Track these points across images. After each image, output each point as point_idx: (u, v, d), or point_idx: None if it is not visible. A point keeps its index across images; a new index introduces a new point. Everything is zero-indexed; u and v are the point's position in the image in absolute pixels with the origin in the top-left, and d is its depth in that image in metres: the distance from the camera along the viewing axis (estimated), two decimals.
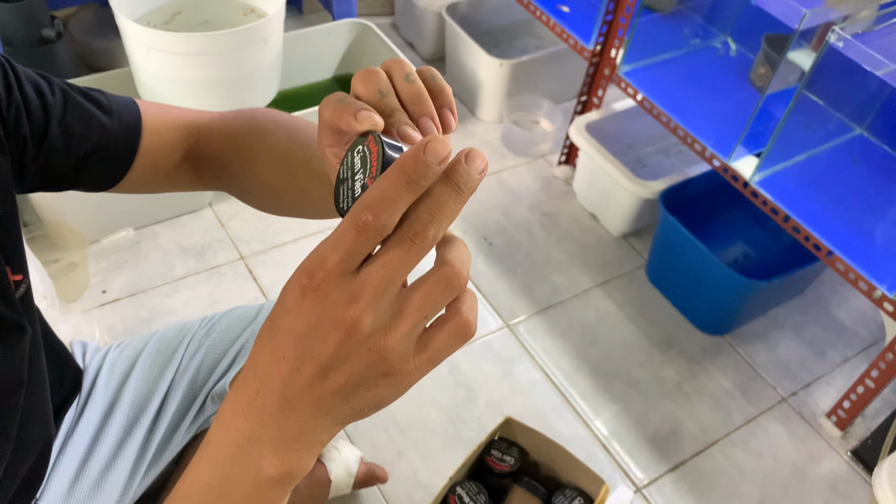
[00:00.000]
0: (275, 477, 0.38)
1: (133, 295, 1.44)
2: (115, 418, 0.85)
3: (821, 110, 1.44)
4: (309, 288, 0.34)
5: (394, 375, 0.36)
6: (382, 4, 2.23)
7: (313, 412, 0.36)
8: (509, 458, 1.05)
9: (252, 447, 0.37)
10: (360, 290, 0.34)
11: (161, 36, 1.31)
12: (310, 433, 0.37)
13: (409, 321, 0.35)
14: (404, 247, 0.34)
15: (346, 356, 0.35)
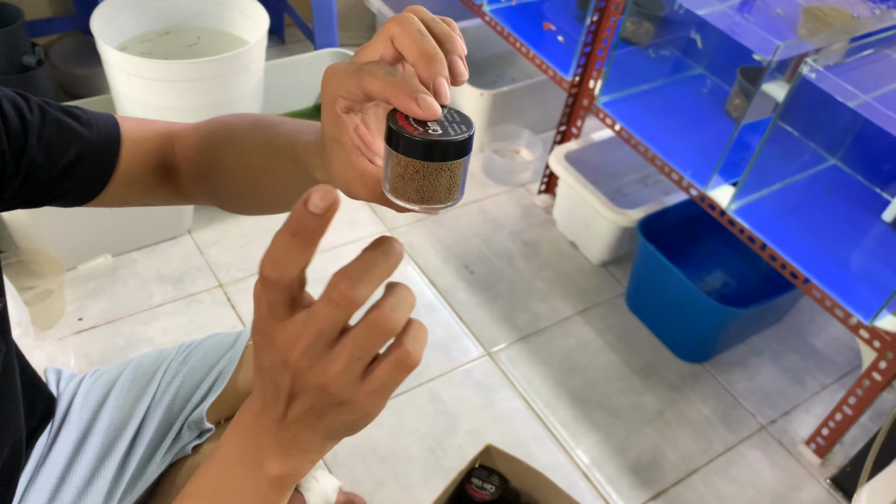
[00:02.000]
0: (275, 477, 0.45)
1: (110, 322, 1.43)
2: (88, 446, 0.83)
3: (795, 141, 1.46)
4: (261, 331, 0.41)
5: (346, 404, 0.42)
6: (364, 35, 2.25)
7: (298, 429, 0.44)
8: (490, 487, 1.04)
9: (257, 451, 0.45)
10: (297, 335, 0.40)
11: (142, 63, 1.31)
12: (302, 443, 0.44)
13: (340, 361, 0.40)
14: (331, 304, 0.39)
15: (299, 391, 0.42)
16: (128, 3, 1.49)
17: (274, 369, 0.42)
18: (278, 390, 0.42)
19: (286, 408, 0.43)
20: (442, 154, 0.41)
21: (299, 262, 0.39)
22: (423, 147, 0.40)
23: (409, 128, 0.41)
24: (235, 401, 0.91)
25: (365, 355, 0.41)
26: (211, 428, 0.88)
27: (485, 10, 1.79)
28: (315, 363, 0.40)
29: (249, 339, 0.93)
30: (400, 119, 0.41)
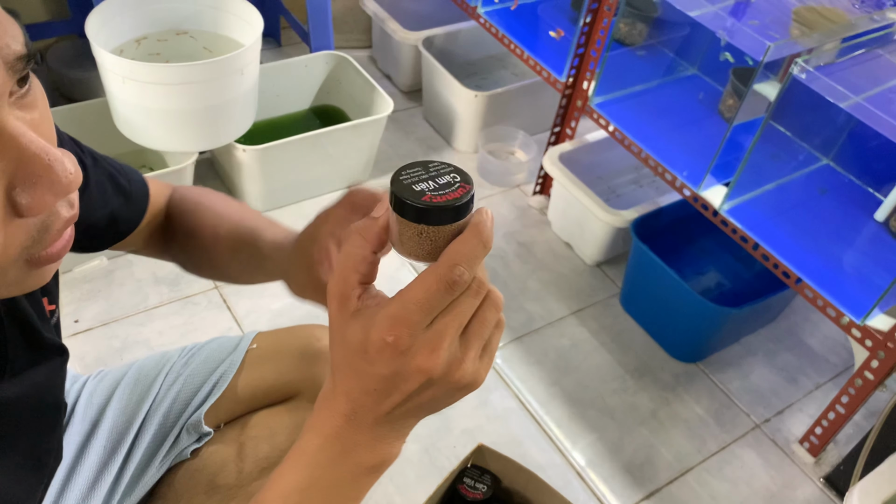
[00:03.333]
0: (372, 466, 0.47)
1: (105, 324, 1.43)
2: (92, 448, 0.83)
3: (788, 141, 1.47)
4: (392, 345, 0.42)
5: (468, 386, 0.44)
6: (360, 37, 2.26)
7: (402, 419, 0.46)
8: (482, 486, 1.04)
9: (351, 449, 0.46)
10: (438, 342, 0.42)
11: (136, 66, 1.32)
12: (398, 430, 0.46)
13: (474, 350, 0.43)
14: (474, 297, 0.42)
15: (426, 387, 0.43)
16: (123, 6, 1.50)
17: (398, 375, 0.42)
18: (393, 392, 0.43)
19: (399, 403, 0.44)
20: (447, 216, 0.41)
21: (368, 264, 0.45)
22: (426, 212, 0.41)
23: (411, 192, 0.41)
24: (235, 405, 0.91)
25: (466, 320, 0.43)
26: (210, 432, 0.88)
27: (479, 12, 1.80)
28: (454, 360, 0.42)
29: (252, 344, 0.93)
30: (398, 184, 0.42)
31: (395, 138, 1.98)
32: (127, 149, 1.63)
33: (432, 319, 0.42)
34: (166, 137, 1.46)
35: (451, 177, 0.42)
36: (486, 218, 0.42)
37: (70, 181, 0.40)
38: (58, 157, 0.39)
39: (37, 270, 0.43)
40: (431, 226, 0.41)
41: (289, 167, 1.64)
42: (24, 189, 0.39)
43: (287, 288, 0.75)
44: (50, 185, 0.39)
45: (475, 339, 0.43)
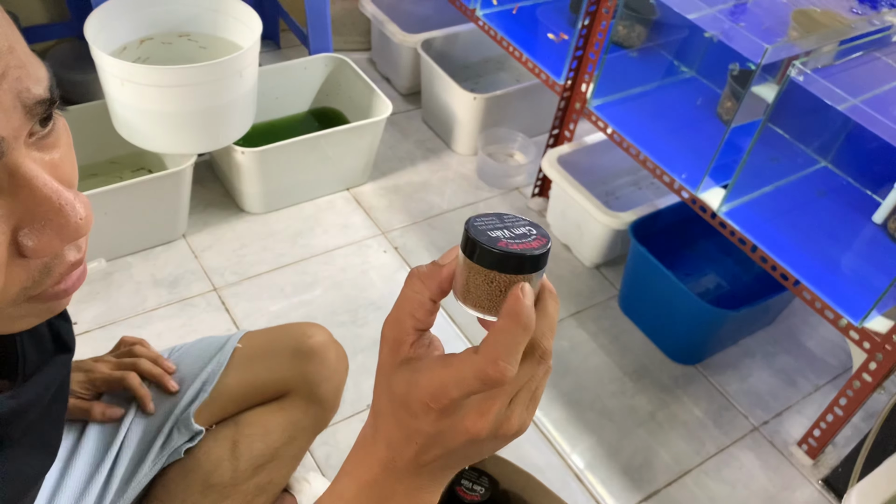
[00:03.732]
0: None
1: (103, 326, 1.43)
2: (83, 449, 0.84)
3: (786, 143, 1.47)
4: (434, 409, 0.41)
5: (510, 438, 0.43)
6: (359, 40, 2.26)
7: (442, 470, 0.45)
8: (479, 488, 1.04)
9: (391, 497, 0.45)
10: (488, 406, 0.41)
11: (135, 68, 1.32)
12: (438, 481, 0.46)
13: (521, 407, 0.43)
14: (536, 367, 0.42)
15: (472, 445, 0.42)
16: (122, 8, 1.50)
17: (444, 434, 0.42)
18: (435, 446, 0.43)
19: (440, 456, 0.43)
20: (522, 265, 0.40)
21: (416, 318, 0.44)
22: (502, 258, 0.39)
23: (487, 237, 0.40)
24: (227, 403, 0.91)
25: (540, 387, 0.44)
26: (202, 430, 0.88)
27: (478, 15, 1.80)
28: (502, 421, 0.42)
29: (239, 343, 0.94)
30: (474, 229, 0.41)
31: (393, 140, 1.98)
32: (126, 151, 1.63)
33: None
34: (165, 140, 1.46)
35: (527, 229, 0.41)
36: (522, 297, 0.40)
37: (80, 226, 0.39)
38: (69, 200, 0.39)
39: (46, 304, 0.43)
40: (504, 274, 0.40)
41: (288, 169, 1.64)
42: (31, 231, 0.38)
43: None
44: (59, 228, 0.39)
45: (523, 396, 0.43)
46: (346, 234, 1.70)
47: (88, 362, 0.89)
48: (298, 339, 0.95)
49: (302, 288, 1.56)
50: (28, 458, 0.57)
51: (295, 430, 0.96)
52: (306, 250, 1.65)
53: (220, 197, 1.74)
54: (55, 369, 0.60)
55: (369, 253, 1.66)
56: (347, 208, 1.76)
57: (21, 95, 0.36)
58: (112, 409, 0.85)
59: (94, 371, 0.87)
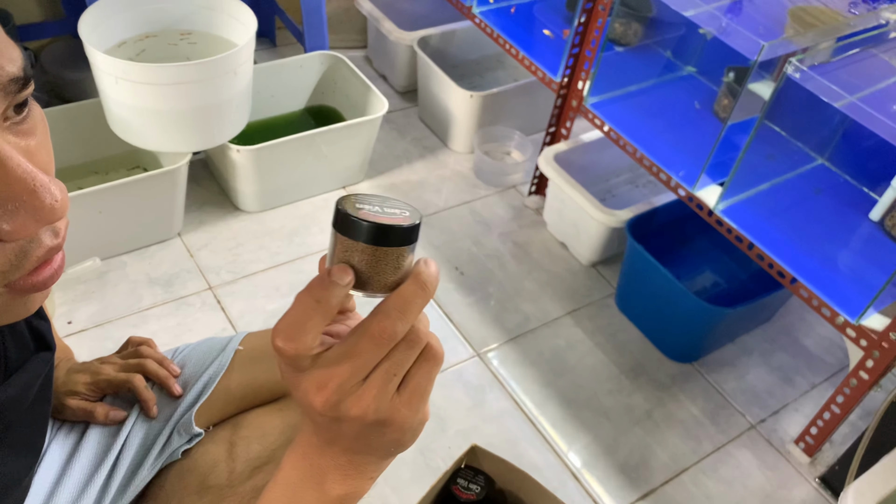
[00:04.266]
0: (337, 497, 0.48)
1: (99, 325, 1.43)
2: (82, 451, 0.83)
3: (783, 140, 1.47)
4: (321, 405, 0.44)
5: (389, 423, 0.45)
6: (355, 37, 2.26)
7: (351, 454, 0.48)
8: (475, 487, 1.04)
9: (317, 473, 0.48)
10: (326, 380, 0.43)
11: (129, 66, 1.32)
12: (358, 465, 0.48)
13: (373, 387, 0.43)
14: (373, 342, 0.42)
15: (336, 424, 0.44)
16: (116, 7, 1.49)
17: (307, 410, 0.45)
18: (319, 427, 0.46)
19: (332, 438, 0.46)
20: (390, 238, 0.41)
21: (315, 329, 0.42)
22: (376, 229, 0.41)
23: (354, 210, 0.41)
24: (226, 405, 0.91)
25: (401, 371, 0.44)
26: (200, 432, 0.88)
27: (474, 12, 1.80)
28: (346, 397, 0.43)
29: (240, 345, 0.94)
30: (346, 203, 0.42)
31: (390, 138, 1.97)
32: (121, 149, 1.63)
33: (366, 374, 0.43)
34: (160, 138, 1.45)
35: (401, 210, 0.43)
36: (430, 267, 0.43)
37: (55, 208, 0.39)
38: (44, 182, 0.39)
39: (21, 299, 0.43)
40: (371, 245, 0.41)
41: (283, 167, 1.64)
42: (5, 213, 0.38)
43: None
44: (33, 210, 0.38)
45: (376, 377, 0.44)
46: None
47: (94, 364, 0.88)
48: None
49: (298, 287, 1.55)
50: (9, 458, 0.57)
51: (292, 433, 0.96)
52: (302, 249, 1.64)
53: (216, 195, 1.73)
54: (36, 367, 0.61)
55: None
56: None
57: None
58: (115, 412, 0.85)
59: (100, 373, 0.87)
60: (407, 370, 0.45)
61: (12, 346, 0.59)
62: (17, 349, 0.60)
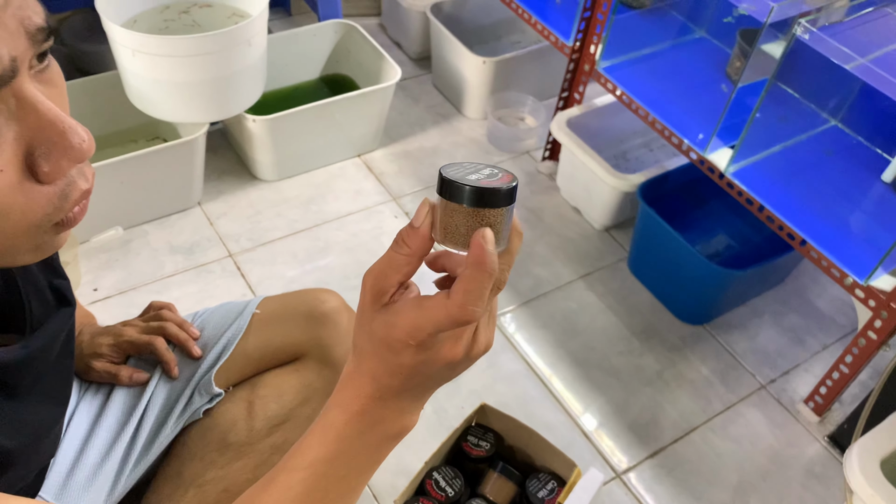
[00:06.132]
0: (394, 434, 0.52)
1: (123, 293, 1.48)
2: (109, 410, 0.88)
3: (795, 102, 1.46)
4: (412, 345, 0.47)
5: (479, 356, 0.50)
6: (369, 5, 2.26)
7: (421, 393, 0.51)
8: (485, 444, 1.08)
9: (378, 423, 0.51)
10: (459, 335, 0.48)
11: (145, 39, 1.34)
12: (419, 401, 0.52)
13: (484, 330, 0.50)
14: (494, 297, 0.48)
15: (446, 370, 0.49)
16: None
17: (426, 364, 0.48)
18: (417, 375, 0.49)
19: (420, 382, 0.50)
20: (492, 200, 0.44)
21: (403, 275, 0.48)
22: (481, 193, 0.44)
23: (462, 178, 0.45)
24: (244, 366, 0.95)
25: (494, 310, 0.51)
26: (221, 392, 0.92)
27: None
28: (471, 344, 0.49)
29: (257, 308, 0.97)
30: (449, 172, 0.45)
31: (404, 105, 1.99)
32: (140, 121, 1.66)
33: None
34: (177, 109, 1.48)
35: (493, 170, 0.46)
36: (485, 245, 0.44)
37: (83, 148, 0.43)
38: (72, 124, 0.43)
39: (53, 237, 0.48)
40: (480, 209, 0.44)
41: (299, 136, 1.66)
42: (40, 155, 0.42)
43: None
44: (65, 150, 0.43)
45: (485, 318, 0.50)
46: (357, 200, 1.72)
47: (117, 327, 0.92)
48: (312, 304, 0.98)
49: (315, 253, 1.59)
50: (39, 408, 0.62)
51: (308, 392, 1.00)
52: (319, 216, 1.67)
53: (234, 165, 1.76)
54: (59, 321, 0.65)
55: (381, 218, 1.69)
56: (359, 174, 1.78)
57: (24, 22, 0.40)
58: (139, 374, 0.89)
59: (122, 335, 0.90)
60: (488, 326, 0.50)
61: (35, 303, 0.63)
62: (40, 306, 0.63)
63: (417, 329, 0.46)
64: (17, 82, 0.41)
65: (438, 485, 1.02)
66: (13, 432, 0.56)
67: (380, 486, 1.24)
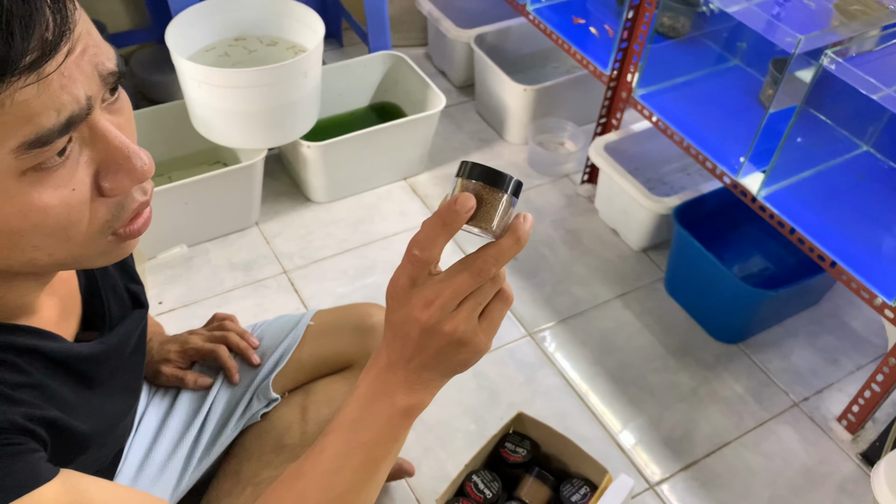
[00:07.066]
0: (405, 408, 0.59)
1: (186, 306, 1.59)
2: (175, 413, 0.96)
3: (826, 127, 1.51)
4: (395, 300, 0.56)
5: (467, 344, 0.56)
6: (416, 36, 2.37)
7: (422, 369, 0.58)
8: (521, 450, 1.14)
9: (389, 389, 0.59)
10: (431, 299, 0.54)
11: (211, 72, 1.46)
12: (424, 381, 0.58)
13: (466, 310, 0.55)
14: (473, 276, 0.54)
15: (427, 339, 0.55)
16: (197, 16, 1.64)
17: (406, 324, 0.55)
18: (407, 340, 0.56)
19: (413, 354, 0.56)
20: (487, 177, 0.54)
21: (441, 245, 0.54)
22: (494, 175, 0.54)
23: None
24: (298, 373, 1.02)
25: (484, 302, 0.56)
26: (277, 397, 0.99)
27: (528, 10, 1.88)
28: (446, 316, 0.54)
29: (311, 321, 1.05)
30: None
31: (448, 132, 2.08)
32: (203, 146, 1.78)
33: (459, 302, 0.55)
34: (238, 136, 1.60)
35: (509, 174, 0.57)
36: (526, 222, 0.56)
37: (144, 170, 0.52)
38: (136, 150, 0.52)
39: (121, 244, 0.56)
40: (489, 186, 0.54)
41: (350, 161, 1.76)
42: (107, 174, 0.51)
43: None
44: (128, 172, 0.51)
45: (469, 302, 0.56)
46: (403, 220, 1.81)
47: (184, 335, 1.01)
48: (361, 317, 1.06)
49: (363, 271, 1.68)
50: (113, 398, 0.70)
51: None
52: (367, 236, 1.77)
53: (289, 188, 1.87)
54: (133, 321, 0.74)
55: None
56: (404, 197, 1.88)
57: (98, 67, 0.48)
58: (203, 378, 0.97)
59: (188, 342, 0.99)
60: (487, 304, 0.56)
61: (114, 304, 0.72)
62: (118, 307, 0.72)
63: (395, 279, 0.55)
64: (92, 117, 0.48)
65: (477, 487, 1.09)
66: (90, 418, 0.64)
67: (422, 491, 1.31)
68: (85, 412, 0.63)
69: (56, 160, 0.47)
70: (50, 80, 0.44)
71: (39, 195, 0.47)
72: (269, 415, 1.00)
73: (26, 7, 0.42)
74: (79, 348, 0.64)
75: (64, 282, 0.67)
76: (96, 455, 0.68)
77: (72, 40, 0.45)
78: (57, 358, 0.60)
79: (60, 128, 0.45)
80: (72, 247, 0.52)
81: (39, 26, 0.42)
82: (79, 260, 0.54)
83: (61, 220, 0.49)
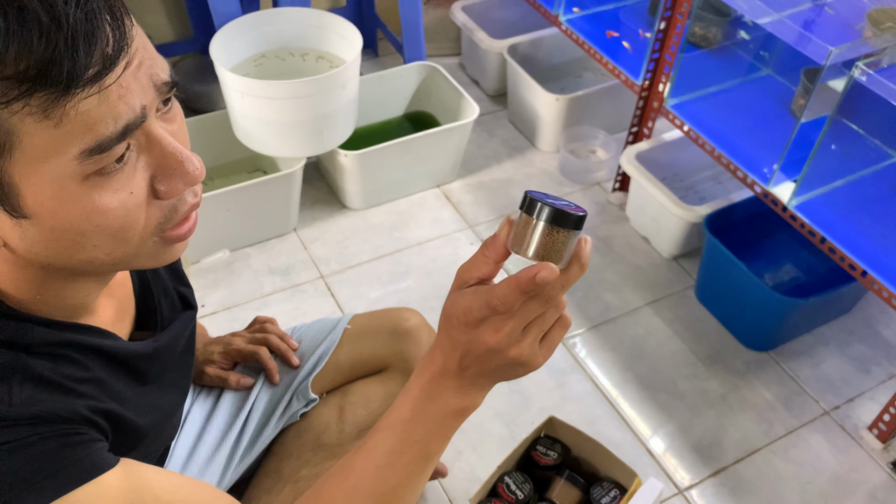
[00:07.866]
0: (456, 409, 0.62)
1: (227, 309, 1.64)
2: (219, 412, 1.00)
3: (858, 137, 1.52)
4: (464, 322, 0.58)
5: (526, 365, 0.59)
6: (450, 46, 2.41)
7: (476, 377, 0.61)
8: (553, 453, 1.17)
9: (442, 390, 0.61)
10: (501, 326, 0.56)
11: (253, 83, 1.51)
12: (477, 385, 0.61)
13: (531, 336, 0.58)
14: (541, 303, 0.57)
15: (492, 357, 0.58)
16: (239, 29, 1.70)
17: (471, 343, 0.57)
18: (469, 354, 0.58)
19: (472, 365, 0.59)
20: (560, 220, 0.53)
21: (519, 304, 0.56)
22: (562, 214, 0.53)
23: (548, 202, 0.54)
24: (336, 375, 1.06)
25: (546, 327, 0.58)
26: (316, 398, 1.03)
27: (561, 20, 1.91)
28: (513, 342, 0.57)
29: (348, 324, 1.09)
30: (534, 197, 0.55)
31: (481, 140, 2.12)
32: (244, 154, 1.84)
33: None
34: (278, 145, 1.65)
35: (569, 203, 0.56)
36: (587, 247, 0.56)
37: (196, 175, 0.56)
38: (189, 156, 0.55)
39: (169, 247, 0.60)
40: (562, 228, 0.53)
41: (385, 169, 1.81)
42: (162, 178, 0.55)
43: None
44: (182, 176, 0.55)
45: (533, 329, 0.57)
46: (436, 227, 1.85)
47: (226, 337, 1.06)
48: (396, 321, 1.09)
49: (397, 276, 1.73)
50: (164, 394, 0.74)
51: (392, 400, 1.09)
52: (401, 242, 1.81)
53: (326, 195, 1.92)
54: (183, 322, 0.78)
55: (458, 245, 1.81)
56: (438, 204, 1.92)
57: (153, 78, 0.51)
58: (245, 379, 1.01)
59: (231, 344, 1.03)
60: (549, 328, 0.58)
61: (165, 305, 0.76)
62: (169, 308, 0.76)
63: (469, 308, 0.56)
64: (147, 124, 0.52)
65: (509, 488, 1.12)
66: (144, 413, 0.68)
67: (454, 492, 1.34)
68: (139, 407, 0.67)
69: (115, 166, 0.51)
70: (109, 91, 0.48)
71: (100, 198, 0.51)
72: (308, 414, 1.03)
73: (89, 25, 0.46)
74: (134, 346, 0.68)
75: (121, 285, 0.72)
76: (146, 451, 0.72)
77: (129, 54, 0.49)
78: (114, 355, 0.65)
79: (117, 135, 0.49)
80: (127, 247, 0.56)
81: (101, 42, 0.46)
82: (132, 261, 0.58)
83: (120, 221, 0.53)
